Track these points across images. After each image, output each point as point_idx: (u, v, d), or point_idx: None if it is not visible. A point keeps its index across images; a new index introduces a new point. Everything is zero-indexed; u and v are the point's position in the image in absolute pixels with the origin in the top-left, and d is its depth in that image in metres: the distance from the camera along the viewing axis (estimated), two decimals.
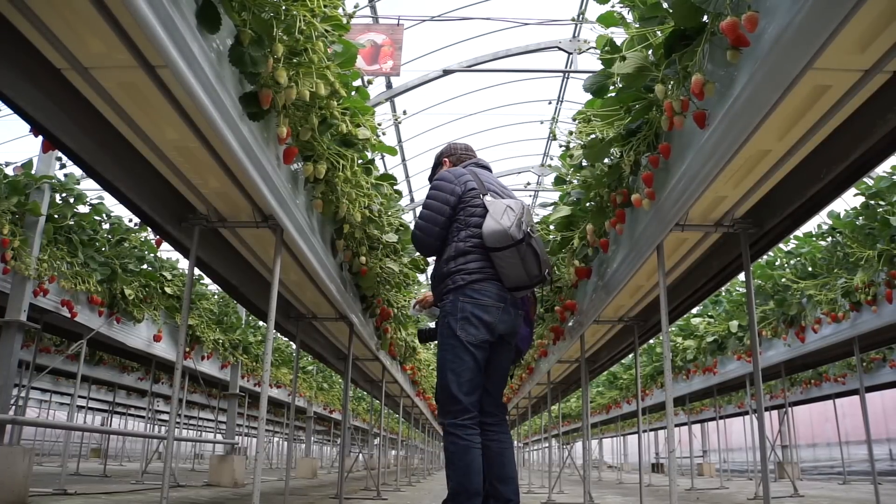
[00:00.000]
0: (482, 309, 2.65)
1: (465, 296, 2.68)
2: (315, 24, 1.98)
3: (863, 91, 1.73)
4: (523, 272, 2.68)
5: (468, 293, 2.68)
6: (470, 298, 2.67)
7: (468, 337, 2.62)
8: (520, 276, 2.69)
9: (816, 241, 4.87)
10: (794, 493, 6.81)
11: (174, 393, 2.70)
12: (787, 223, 2.55)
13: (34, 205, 4.33)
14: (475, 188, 2.84)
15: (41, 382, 10.65)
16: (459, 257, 2.75)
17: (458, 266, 2.73)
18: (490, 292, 2.68)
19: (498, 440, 2.74)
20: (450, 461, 2.58)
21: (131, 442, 23.02)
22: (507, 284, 2.71)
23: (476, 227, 2.75)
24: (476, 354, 2.63)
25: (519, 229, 2.65)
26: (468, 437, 2.57)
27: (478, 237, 2.73)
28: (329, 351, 5.91)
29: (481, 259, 2.72)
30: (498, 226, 2.65)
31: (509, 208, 2.70)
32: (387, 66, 6.74)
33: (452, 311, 2.69)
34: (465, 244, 2.76)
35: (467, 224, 2.79)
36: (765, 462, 2.73)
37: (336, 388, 13.81)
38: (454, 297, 2.71)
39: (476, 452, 2.56)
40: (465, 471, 2.52)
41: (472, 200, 2.81)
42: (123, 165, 2.32)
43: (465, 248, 2.75)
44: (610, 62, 2.24)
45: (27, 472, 4.04)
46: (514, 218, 2.67)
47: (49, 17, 1.65)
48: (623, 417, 13.70)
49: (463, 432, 2.57)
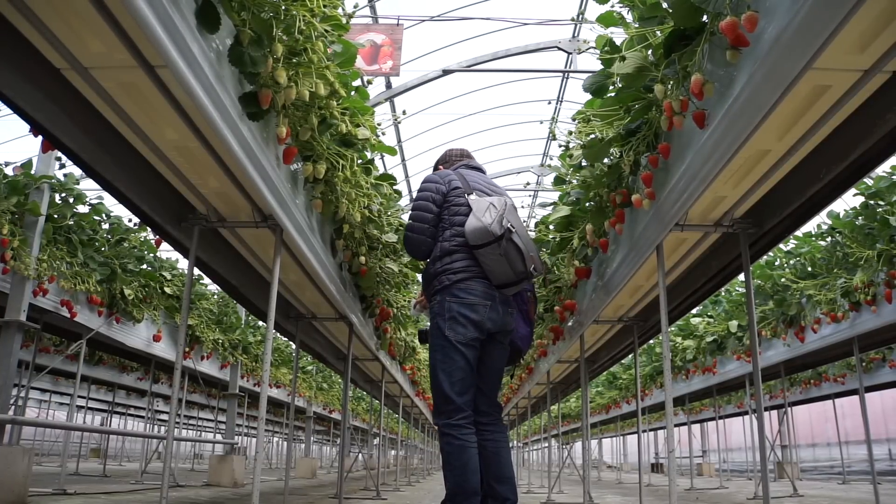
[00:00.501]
0: (469, 307, 2.66)
1: (451, 295, 2.69)
2: (315, 23, 1.98)
3: (862, 91, 1.73)
4: (508, 269, 2.67)
5: (454, 292, 2.69)
6: (456, 298, 2.67)
7: (457, 336, 2.63)
8: (505, 272, 2.68)
9: (816, 241, 4.87)
10: (794, 493, 6.81)
11: (174, 393, 2.70)
12: (787, 223, 2.55)
13: (34, 205, 4.33)
14: (459, 187, 2.87)
15: (41, 382, 10.65)
16: (445, 257, 2.76)
17: (443, 266, 2.75)
18: (476, 290, 2.68)
19: (493, 440, 2.74)
20: (446, 461, 2.58)
21: (131, 442, 23.01)
22: (495, 282, 2.71)
23: (460, 226, 2.76)
24: (466, 353, 2.64)
25: (500, 225, 2.65)
26: (463, 437, 2.57)
27: (461, 236, 2.74)
28: (329, 351, 5.91)
29: (466, 258, 2.72)
30: (479, 223, 2.66)
31: (492, 205, 2.71)
32: (386, 66, 6.75)
33: (440, 312, 2.70)
34: (450, 244, 2.77)
35: (451, 223, 2.80)
36: (764, 462, 2.73)
37: (336, 387, 13.81)
38: (441, 297, 2.72)
39: (472, 451, 2.56)
40: (461, 470, 2.52)
41: (456, 199, 2.83)
42: (123, 165, 2.32)
43: (449, 247, 2.77)
44: (609, 62, 2.25)
45: (27, 472, 4.04)
46: (496, 214, 2.67)
47: (49, 18, 1.64)
48: (622, 417, 13.70)
49: (458, 432, 2.57)
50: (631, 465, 21.56)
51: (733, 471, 15.83)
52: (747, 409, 10.10)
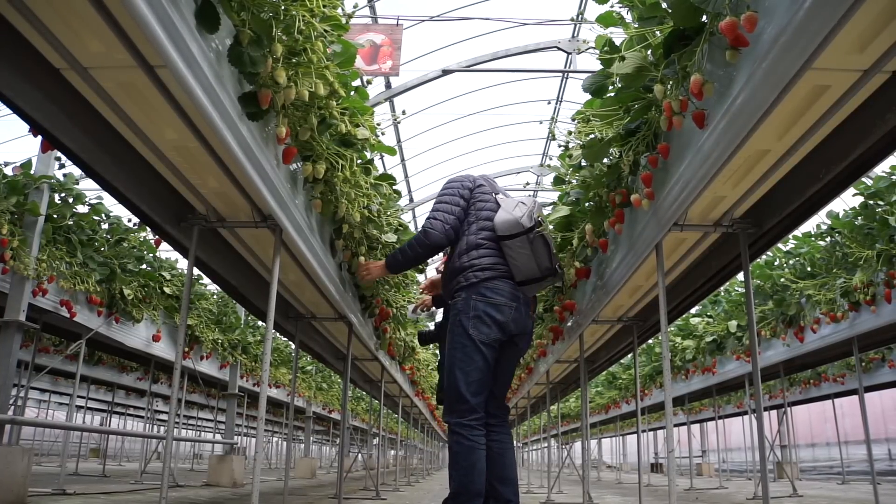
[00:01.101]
0: (495, 308, 2.65)
1: (478, 294, 2.67)
2: (314, 24, 1.98)
3: (862, 91, 1.73)
4: (534, 264, 2.70)
5: (481, 291, 2.67)
6: (482, 297, 2.66)
7: (481, 336, 2.61)
8: (530, 267, 2.71)
9: (815, 241, 4.87)
10: (793, 493, 6.81)
11: (173, 393, 2.70)
12: (786, 223, 2.55)
13: (33, 205, 4.33)
14: (484, 185, 2.94)
15: (40, 382, 10.65)
16: (472, 251, 2.76)
17: (470, 261, 2.74)
18: (503, 291, 2.69)
19: (499, 441, 2.75)
20: (454, 461, 2.57)
21: (130, 442, 23.01)
22: (518, 278, 2.72)
23: (487, 220, 2.79)
24: (487, 354, 2.63)
25: (530, 218, 2.70)
26: (473, 438, 2.56)
27: (489, 230, 2.76)
28: (328, 351, 5.90)
29: (493, 254, 2.73)
30: (509, 216, 2.71)
31: (521, 203, 2.77)
32: (386, 66, 6.75)
33: (465, 310, 2.67)
34: (477, 237, 2.78)
35: (478, 217, 2.82)
36: (764, 462, 2.73)
37: (335, 387, 13.81)
38: (466, 294, 2.70)
39: (480, 453, 2.55)
40: (468, 471, 2.51)
41: (483, 196, 2.88)
42: (122, 165, 2.32)
43: (476, 241, 2.77)
44: (609, 62, 2.25)
45: (26, 472, 4.04)
46: (526, 210, 2.72)
47: (48, 18, 1.64)
48: (622, 417, 13.69)
49: (469, 433, 2.56)
50: (630, 465, 21.56)
51: (733, 471, 15.83)
52: (747, 409, 10.10)
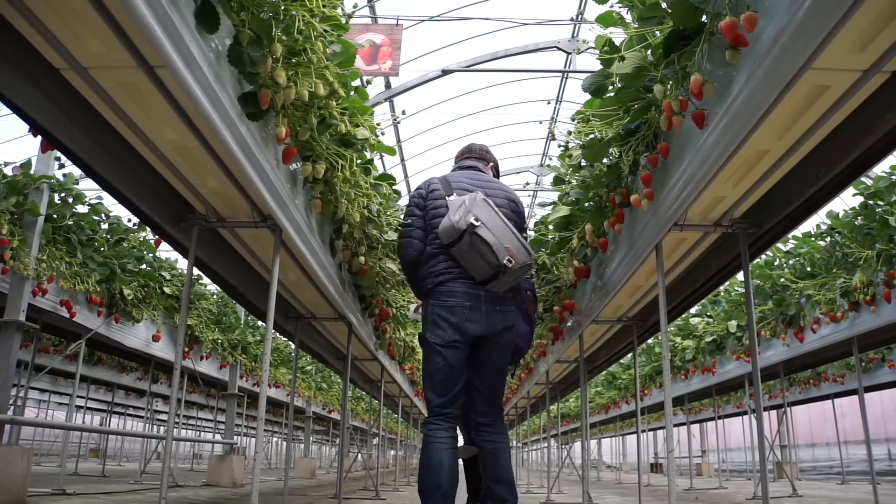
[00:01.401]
0: (448, 310, 2.67)
1: (434, 298, 2.71)
2: (314, 24, 1.98)
3: (861, 91, 1.73)
4: (484, 263, 2.62)
5: (436, 295, 2.71)
6: (438, 301, 2.70)
7: (435, 339, 2.66)
8: (482, 266, 2.63)
9: (815, 241, 4.87)
10: (793, 493, 6.82)
11: (173, 393, 2.70)
12: (786, 223, 2.55)
13: (33, 205, 4.33)
14: (438, 189, 2.85)
15: (40, 382, 10.64)
16: (430, 260, 2.78)
17: (428, 270, 2.77)
18: (457, 291, 2.68)
19: (492, 441, 2.75)
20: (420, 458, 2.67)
21: (130, 442, 23.01)
22: (478, 279, 2.68)
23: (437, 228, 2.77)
24: (446, 355, 2.64)
25: (464, 220, 2.60)
26: (431, 433, 2.61)
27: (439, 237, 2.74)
28: (328, 351, 5.90)
29: (447, 259, 2.73)
30: (448, 221, 2.65)
31: (464, 202, 2.67)
32: (386, 66, 6.75)
33: (425, 316, 2.76)
34: (431, 247, 2.78)
35: (432, 227, 2.80)
36: (763, 462, 2.73)
37: (335, 387, 13.81)
38: (426, 301, 2.77)
39: (436, 447, 2.57)
40: (424, 465, 2.57)
41: (435, 203, 2.82)
42: (122, 165, 2.32)
43: (431, 251, 2.78)
44: (609, 62, 2.25)
45: (26, 472, 4.04)
46: (463, 210, 2.64)
47: (48, 18, 1.64)
48: (622, 417, 13.69)
49: (429, 429, 2.62)
50: (630, 465, 21.56)
51: (732, 471, 15.83)
52: (746, 409, 10.10)
